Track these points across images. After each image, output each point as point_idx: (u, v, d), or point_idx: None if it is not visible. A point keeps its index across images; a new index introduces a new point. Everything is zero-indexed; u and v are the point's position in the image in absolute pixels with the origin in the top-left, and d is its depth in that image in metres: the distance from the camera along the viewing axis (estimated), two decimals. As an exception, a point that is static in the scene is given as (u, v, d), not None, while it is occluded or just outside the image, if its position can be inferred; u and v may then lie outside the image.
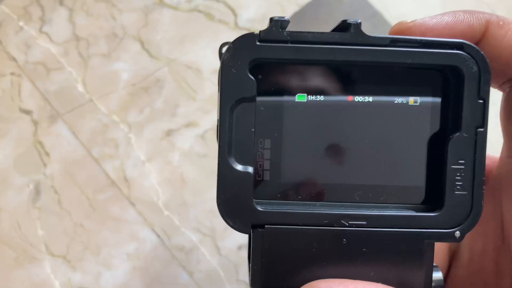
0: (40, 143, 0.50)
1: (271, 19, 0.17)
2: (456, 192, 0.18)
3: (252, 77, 0.17)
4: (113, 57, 0.51)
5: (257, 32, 0.17)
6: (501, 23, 0.19)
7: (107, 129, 0.50)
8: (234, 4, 0.53)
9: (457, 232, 0.18)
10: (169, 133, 0.50)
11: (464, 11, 0.19)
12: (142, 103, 0.50)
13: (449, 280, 0.23)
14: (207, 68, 0.51)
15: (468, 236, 0.21)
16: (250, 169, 0.18)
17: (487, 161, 0.22)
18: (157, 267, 0.47)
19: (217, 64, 0.51)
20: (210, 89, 0.51)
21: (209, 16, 0.52)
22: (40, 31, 0.51)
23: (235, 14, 0.53)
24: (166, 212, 0.48)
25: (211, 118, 0.50)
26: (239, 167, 0.18)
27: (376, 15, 0.54)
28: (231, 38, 0.50)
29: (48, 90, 0.50)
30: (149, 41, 0.51)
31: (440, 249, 0.23)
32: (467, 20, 0.19)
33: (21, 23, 0.51)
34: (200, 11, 0.52)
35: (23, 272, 0.47)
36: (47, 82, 0.51)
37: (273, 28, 0.17)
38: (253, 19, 0.53)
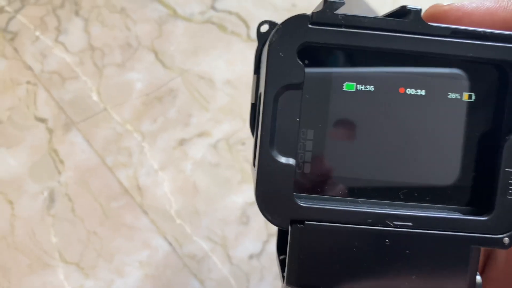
0: (55, 151, 0.50)
1: (325, 1, 0.16)
2: (509, 197, 0.17)
3: (301, 63, 0.16)
4: (127, 67, 0.52)
5: (309, 14, 0.16)
6: None
7: (121, 138, 0.50)
8: (247, 16, 0.54)
9: (506, 238, 0.17)
10: (182, 142, 0.50)
11: None
12: (156, 113, 0.51)
13: (484, 282, 0.22)
14: (220, 79, 0.52)
15: None
16: (292, 161, 0.17)
17: None
18: (168, 275, 0.48)
19: (229, 75, 0.52)
20: (223, 99, 0.51)
21: (222, 28, 0.53)
22: (56, 41, 0.52)
23: (247, 26, 0.53)
24: (178, 221, 0.49)
25: (224, 128, 0.51)
26: (281, 159, 0.17)
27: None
28: (243, 50, 0.51)
29: (63, 98, 0.51)
30: (163, 51, 0.52)
31: None
32: (511, 6, 0.17)
33: (37, 33, 0.52)
34: (213, 23, 0.53)
35: (37, 278, 0.48)
36: (62, 91, 0.51)
37: (327, 11, 0.16)
38: (265, 31, 0.53)
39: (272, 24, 0.22)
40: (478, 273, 0.19)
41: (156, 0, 0.53)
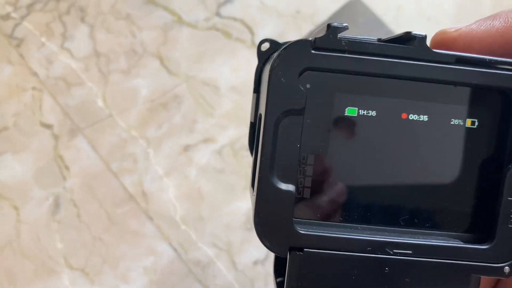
0: (60, 157, 0.50)
1: (329, 25, 0.16)
2: (510, 226, 0.17)
3: (302, 88, 0.16)
4: (133, 74, 0.52)
5: (312, 39, 0.16)
6: None
7: (126, 144, 0.51)
8: (251, 23, 0.54)
9: (506, 267, 0.17)
10: (186, 148, 0.51)
11: None
12: (161, 119, 0.51)
13: None
14: (225, 85, 0.52)
15: None
16: (292, 188, 0.16)
17: None
18: (173, 281, 0.48)
19: (234, 81, 0.52)
20: (227, 105, 0.52)
21: (227, 34, 0.54)
22: (62, 47, 0.53)
23: (252, 33, 0.54)
24: (183, 227, 0.49)
25: (228, 134, 0.51)
26: (281, 185, 0.16)
27: (389, 35, 0.55)
28: (248, 56, 0.51)
29: (69, 104, 0.51)
30: (168, 58, 0.53)
31: None
32: None
33: (43, 39, 0.53)
34: (218, 30, 0.54)
35: (42, 284, 0.48)
36: (68, 97, 0.52)
37: (330, 36, 0.16)
38: (270, 37, 0.54)
39: (272, 42, 0.22)
40: None
41: (161, 7, 0.54)
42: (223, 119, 0.51)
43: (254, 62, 0.20)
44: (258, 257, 0.48)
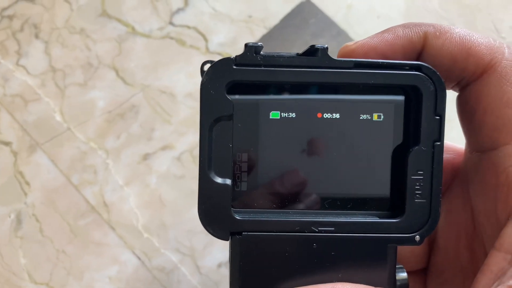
0: (20, 173, 0.51)
1: (246, 45, 0.19)
2: (416, 200, 0.20)
3: (229, 98, 0.19)
4: (89, 86, 0.53)
5: (233, 57, 0.19)
6: (438, 33, 0.20)
7: (85, 156, 0.51)
8: (205, 29, 0.55)
9: (417, 236, 0.20)
10: (146, 156, 0.51)
11: (403, 26, 0.21)
12: (119, 129, 0.52)
13: (430, 267, 0.25)
14: (181, 92, 0.53)
15: (443, 226, 0.24)
16: (229, 181, 0.19)
17: (457, 157, 0.24)
18: (139, 289, 0.48)
19: (190, 87, 0.53)
20: (185, 112, 0.52)
21: (181, 42, 0.54)
22: (17, 64, 0.53)
23: (205, 39, 0.55)
24: (145, 235, 0.49)
25: (187, 140, 0.52)
26: (218, 179, 0.19)
27: (341, 34, 0.56)
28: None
29: (27, 121, 0.52)
30: (123, 68, 0.53)
31: None
32: (405, 34, 0.20)
33: (-2, 58, 0.53)
34: (171, 38, 0.54)
35: (7, 301, 0.48)
36: (25, 113, 0.52)
37: (248, 53, 0.19)
38: (224, 43, 0.55)
39: (212, 62, 0.26)
40: (405, 271, 0.21)
41: (114, 19, 0.54)
42: (181, 126, 0.52)
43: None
44: (222, 260, 0.49)
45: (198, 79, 0.53)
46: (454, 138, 0.25)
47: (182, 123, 0.52)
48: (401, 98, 0.20)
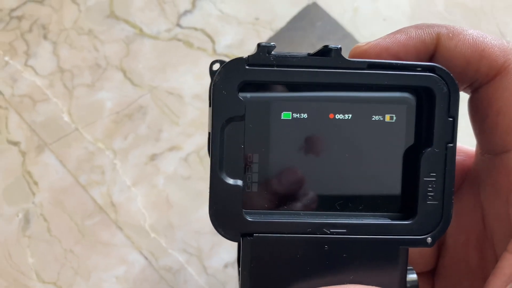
0: (29, 173, 0.51)
1: (258, 45, 0.19)
2: (428, 202, 0.20)
3: (241, 98, 0.19)
4: (97, 87, 0.53)
5: (246, 57, 0.19)
6: (451, 34, 0.20)
7: (93, 157, 0.51)
8: (212, 31, 0.55)
9: (429, 238, 0.20)
10: (153, 157, 0.51)
11: (416, 26, 0.20)
12: (126, 130, 0.52)
13: (439, 269, 0.25)
14: (188, 94, 0.53)
15: (453, 228, 0.24)
16: (240, 182, 0.19)
17: (467, 159, 0.24)
18: (146, 288, 0.49)
19: (197, 89, 0.53)
20: (192, 113, 0.53)
21: (188, 44, 0.55)
22: (26, 64, 0.53)
23: (213, 41, 0.55)
24: (153, 235, 0.50)
25: (194, 141, 0.52)
26: (230, 180, 0.19)
27: (347, 36, 0.56)
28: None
29: (35, 121, 0.52)
30: (131, 70, 0.54)
31: None
32: (418, 36, 0.20)
33: (6, 58, 0.53)
34: (179, 40, 0.55)
35: (15, 300, 0.48)
36: (34, 113, 0.52)
37: (260, 53, 0.19)
38: (231, 45, 0.55)
39: (222, 62, 0.25)
40: (415, 272, 0.21)
41: (122, 20, 0.55)
42: (188, 127, 0.52)
43: (216, 69, 0.22)
44: (228, 260, 0.49)
45: (206, 80, 0.53)
46: (460, 140, 0.25)
47: (190, 124, 0.52)
48: (413, 99, 0.20)
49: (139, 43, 0.54)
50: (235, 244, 0.50)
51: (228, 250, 0.50)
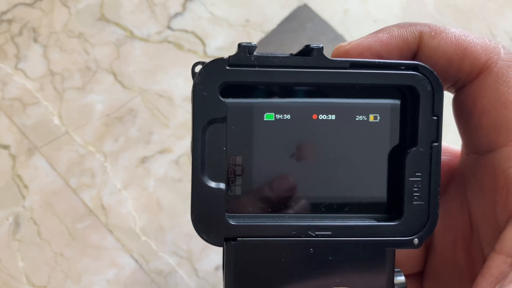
0: (19, 176, 0.51)
1: (239, 45, 0.18)
2: (414, 203, 0.19)
3: (222, 99, 0.18)
4: (87, 90, 0.53)
5: (226, 57, 0.18)
6: (433, 33, 0.20)
7: (83, 160, 0.51)
8: (202, 34, 0.55)
9: (416, 239, 0.19)
10: (143, 160, 0.51)
11: (398, 25, 0.20)
12: (117, 133, 0.52)
13: (427, 270, 0.24)
14: (179, 96, 0.53)
15: (440, 229, 0.23)
16: (222, 186, 0.19)
17: (453, 159, 0.24)
18: (137, 292, 0.49)
19: (188, 91, 0.53)
20: (183, 115, 0.53)
21: (179, 46, 0.55)
22: (16, 68, 0.53)
23: (203, 44, 0.55)
24: (143, 238, 0.50)
25: (185, 144, 0.52)
26: (212, 183, 0.18)
27: (338, 38, 0.56)
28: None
29: (25, 124, 0.52)
30: (121, 72, 0.54)
31: None
32: (400, 34, 0.20)
33: (-3, 61, 0.53)
34: (169, 42, 0.55)
35: (5, 304, 0.48)
36: (24, 117, 0.52)
37: (241, 54, 0.18)
38: (221, 47, 0.55)
39: (204, 63, 0.25)
40: (402, 274, 0.21)
41: (113, 23, 0.55)
42: (179, 129, 0.52)
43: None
44: (219, 263, 0.49)
45: (196, 83, 0.53)
46: (450, 141, 0.25)
47: (180, 127, 0.52)
48: (397, 98, 0.20)
49: (129, 46, 0.54)
50: (226, 247, 0.49)
51: (219, 252, 0.50)
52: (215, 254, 0.49)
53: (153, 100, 0.53)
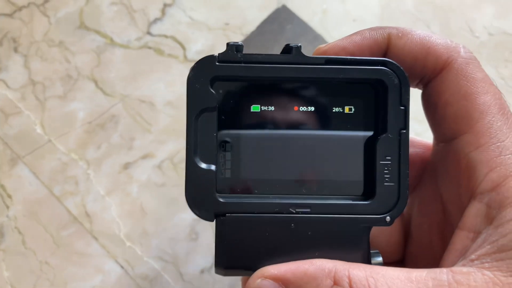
0: (2, 186, 0.51)
1: (228, 44, 0.21)
2: (385, 184, 0.22)
3: (212, 91, 0.21)
4: (69, 98, 0.53)
5: (216, 54, 0.21)
6: (400, 34, 0.22)
7: (66, 167, 0.51)
8: (182, 38, 0.55)
9: (388, 217, 0.22)
10: (126, 166, 0.51)
11: (370, 29, 0.23)
12: (99, 139, 0.52)
13: (406, 258, 0.26)
14: (160, 101, 0.53)
15: (416, 217, 0.25)
16: (213, 167, 0.21)
17: (426, 151, 0.26)
18: (123, 297, 0.49)
19: (169, 96, 0.53)
20: (164, 120, 0.53)
21: (159, 51, 0.55)
22: (-3, 78, 0.53)
23: (183, 48, 0.55)
24: (128, 243, 0.50)
25: (167, 148, 0.52)
26: (203, 165, 0.21)
27: (318, 38, 0.57)
28: (181, 71, 0.53)
29: (8, 134, 0.52)
30: (102, 79, 0.54)
31: (395, 230, 0.27)
32: (371, 36, 0.23)
33: (-22, 73, 0.54)
34: (150, 48, 0.55)
35: (-9, 314, 0.48)
36: (6, 127, 0.52)
37: (229, 51, 0.21)
38: (201, 51, 0.55)
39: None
40: (380, 256, 0.23)
41: (92, 31, 0.55)
42: (161, 134, 0.52)
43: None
44: (205, 266, 0.49)
45: (177, 87, 0.53)
46: (430, 138, 0.26)
47: (162, 132, 0.52)
48: (370, 91, 0.22)
49: (110, 53, 0.55)
50: (211, 250, 0.50)
51: (204, 255, 0.50)
52: (200, 258, 0.49)
53: (135, 106, 0.53)
